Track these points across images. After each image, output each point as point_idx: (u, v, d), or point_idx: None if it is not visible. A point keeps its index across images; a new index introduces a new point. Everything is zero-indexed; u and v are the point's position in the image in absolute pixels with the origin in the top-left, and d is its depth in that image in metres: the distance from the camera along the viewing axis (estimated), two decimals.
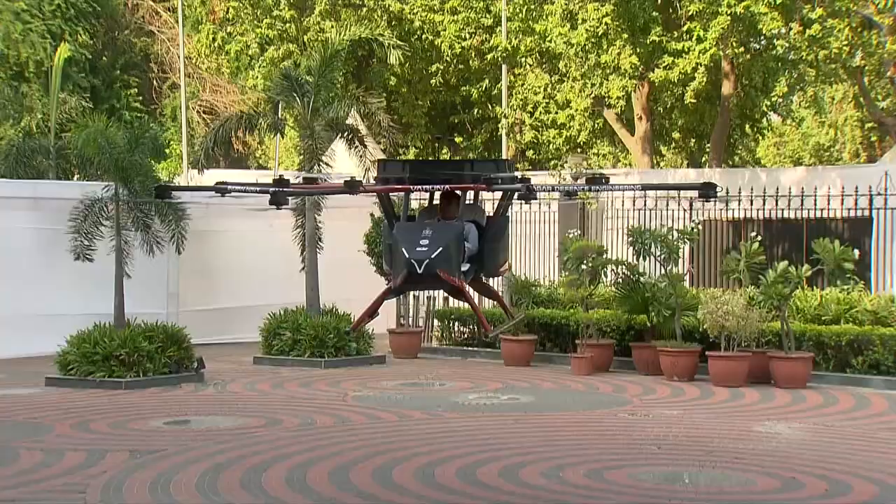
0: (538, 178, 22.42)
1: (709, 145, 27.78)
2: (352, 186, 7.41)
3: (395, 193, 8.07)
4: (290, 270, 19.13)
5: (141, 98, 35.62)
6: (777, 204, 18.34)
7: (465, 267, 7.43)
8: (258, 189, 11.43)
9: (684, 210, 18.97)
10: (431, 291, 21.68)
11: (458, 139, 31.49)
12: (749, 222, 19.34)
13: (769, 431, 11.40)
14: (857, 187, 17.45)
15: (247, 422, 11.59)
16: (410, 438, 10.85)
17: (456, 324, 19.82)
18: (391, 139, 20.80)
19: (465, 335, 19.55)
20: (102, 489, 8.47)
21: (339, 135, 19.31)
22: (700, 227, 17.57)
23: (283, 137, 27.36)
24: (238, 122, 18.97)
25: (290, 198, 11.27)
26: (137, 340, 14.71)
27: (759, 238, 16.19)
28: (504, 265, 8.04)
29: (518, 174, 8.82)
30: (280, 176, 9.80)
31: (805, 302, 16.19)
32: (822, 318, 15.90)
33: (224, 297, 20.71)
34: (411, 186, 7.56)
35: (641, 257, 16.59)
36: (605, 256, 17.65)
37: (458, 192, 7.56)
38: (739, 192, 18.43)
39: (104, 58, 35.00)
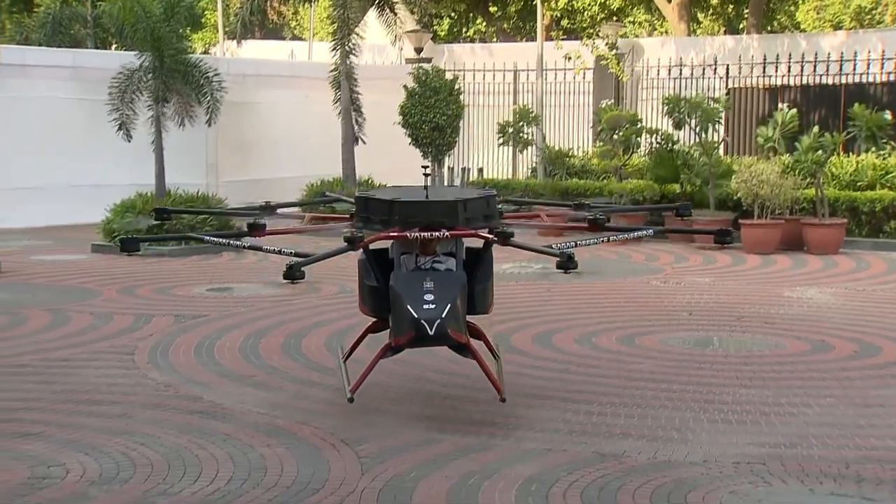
0: (571, 45, 22.23)
1: (747, 11, 27.24)
2: (352, 241, 6.86)
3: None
4: (327, 142, 19.26)
5: None
6: (815, 70, 18.12)
7: None
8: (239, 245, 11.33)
9: (720, 78, 18.79)
10: (466, 163, 21.83)
11: (491, 8, 31.06)
12: (786, 89, 19.15)
13: (800, 297, 11.55)
14: None
15: (287, 289, 11.87)
16: None
17: None
18: (423, 7, 20.60)
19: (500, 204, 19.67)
20: (149, 351, 8.80)
21: (372, 3, 19.16)
22: (729, 96, 17.38)
23: (315, 5, 27.11)
24: None
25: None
26: None
27: (794, 107, 16.06)
28: (492, 303, 7.15)
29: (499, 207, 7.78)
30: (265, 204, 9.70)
31: (840, 168, 16.16)
32: (858, 184, 15.88)
33: (262, 168, 20.96)
34: (409, 234, 6.71)
35: (677, 126, 16.54)
36: (638, 126, 17.61)
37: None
38: (777, 59, 18.20)
39: None
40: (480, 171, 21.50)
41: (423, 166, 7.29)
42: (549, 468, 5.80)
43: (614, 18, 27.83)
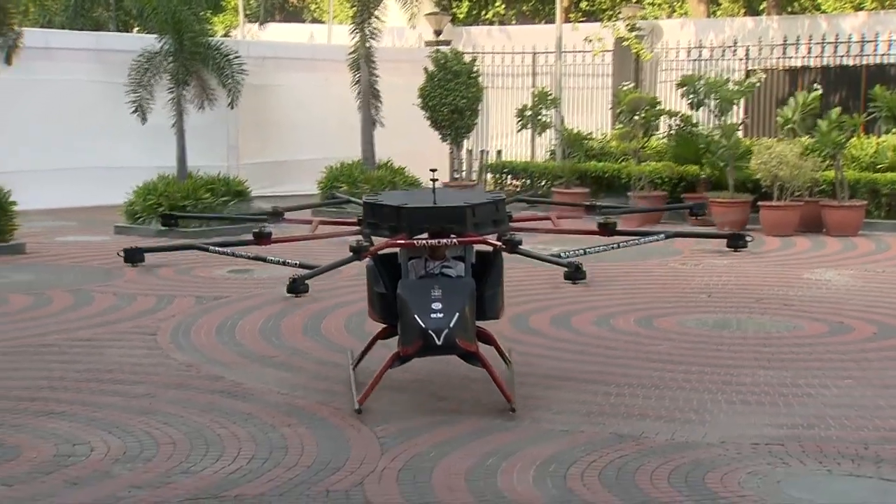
0: (591, 28, 22.18)
1: None
2: (358, 251, 6.81)
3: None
4: (347, 124, 19.30)
5: None
6: (836, 51, 18.01)
7: None
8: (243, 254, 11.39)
9: (740, 60, 18.70)
10: (484, 146, 21.84)
11: None
12: (806, 71, 19.06)
13: (819, 278, 11.54)
14: None
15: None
16: None
17: (509, 176, 19.96)
18: None
19: (518, 188, 19.70)
20: (172, 332, 8.89)
21: None
22: (758, 82, 17.32)
23: None
24: None
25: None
26: (200, 192, 15.15)
27: (818, 88, 15.99)
28: (503, 307, 7.04)
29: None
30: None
31: (861, 150, 16.09)
32: (878, 165, 15.82)
33: (282, 151, 21.03)
34: (416, 241, 6.68)
35: (694, 108, 16.50)
36: (658, 108, 17.57)
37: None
38: (798, 40, 18.11)
39: None
40: (499, 153, 21.50)
41: (431, 170, 7.30)
42: (567, 449, 5.85)
43: (633, 0, 27.71)
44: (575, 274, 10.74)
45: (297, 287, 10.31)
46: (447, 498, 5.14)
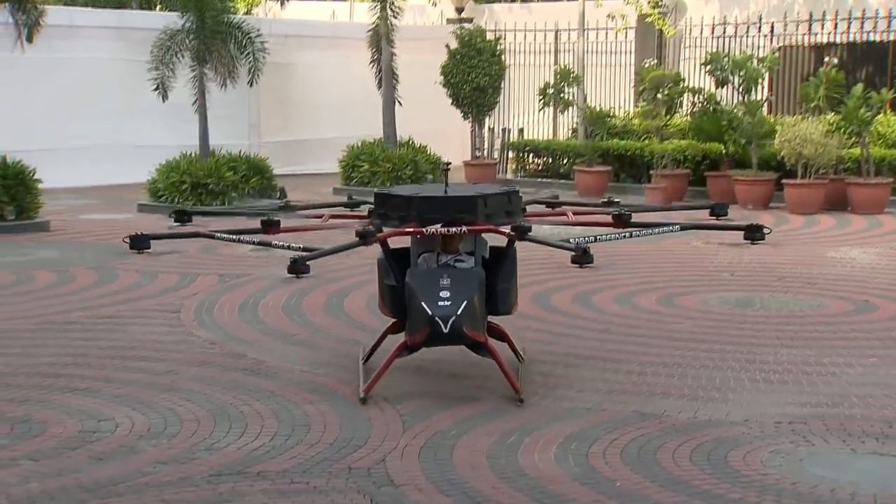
0: (614, 5, 22.02)
1: None
2: (364, 236, 6.75)
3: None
4: (368, 103, 19.27)
5: None
6: (863, 27, 17.82)
7: None
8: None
9: (764, 36, 18.55)
10: (506, 124, 21.77)
11: None
12: (832, 47, 18.88)
13: (843, 257, 11.47)
14: None
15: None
16: None
17: (531, 155, 19.90)
18: None
19: (540, 166, 19.64)
20: (195, 309, 8.93)
21: None
22: (778, 54, 17.21)
23: None
24: None
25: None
26: (222, 170, 15.20)
27: (837, 64, 15.84)
28: (516, 303, 6.92)
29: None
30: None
31: (887, 127, 15.96)
32: None
33: (303, 129, 21.04)
34: (425, 230, 6.62)
35: (719, 85, 16.39)
36: (681, 85, 17.46)
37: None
38: (823, 16, 17.94)
39: None
40: (521, 131, 21.43)
41: (444, 163, 7.10)
42: (588, 427, 5.85)
43: None
44: (582, 258, 10.68)
45: (297, 267, 10.30)
46: (469, 475, 5.15)
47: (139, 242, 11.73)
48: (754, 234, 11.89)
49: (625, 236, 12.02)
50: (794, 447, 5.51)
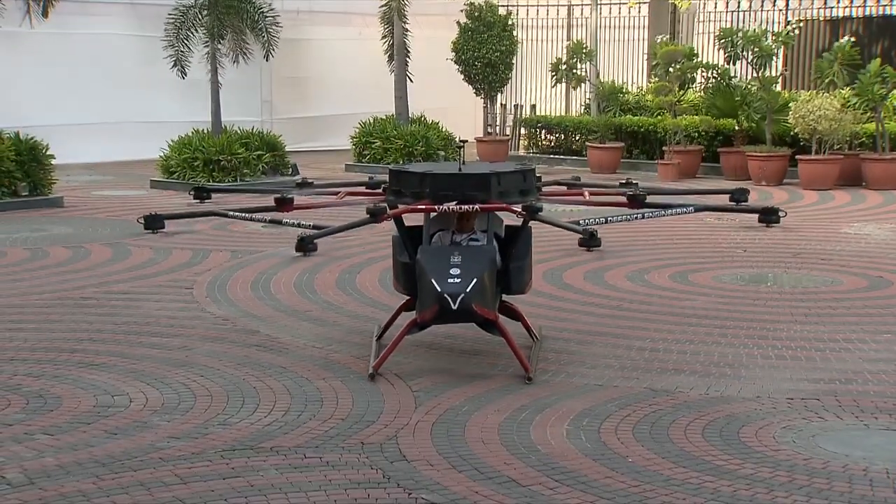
0: None
1: None
2: (374, 214, 6.73)
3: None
4: (380, 79, 19.23)
5: None
6: (879, 0, 17.67)
7: None
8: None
9: (779, 11, 18.42)
10: (518, 100, 21.70)
11: None
12: (848, 21, 18.74)
13: (858, 232, 11.43)
14: None
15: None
16: None
17: (543, 131, 19.85)
18: None
19: (552, 143, 19.59)
20: (208, 286, 8.95)
21: None
22: (796, 29, 17.08)
23: None
24: None
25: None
26: (234, 147, 15.20)
27: (853, 39, 15.72)
28: (530, 282, 6.87)
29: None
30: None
31: None
32: None
33: (315, 105, 21.01)
34: (437, 207, 6.56)
35: (732, 61, 16.30)
36: (695, 61, 17.37)
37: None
38: None
39: None
40: (533, 107, 21.36)
41: (459, 140, 7.02)
42: (600, 403, 5.85)
43: None
44: (589, 241, 10.63)
45: (304, 245, 10.29)
46: (481, 451, 5.16)
47: (154, 222, 11.74)
48: (769, 216, 11.86)
49: (636, 217, 11.98)
50: (806, 423, 5.51)
